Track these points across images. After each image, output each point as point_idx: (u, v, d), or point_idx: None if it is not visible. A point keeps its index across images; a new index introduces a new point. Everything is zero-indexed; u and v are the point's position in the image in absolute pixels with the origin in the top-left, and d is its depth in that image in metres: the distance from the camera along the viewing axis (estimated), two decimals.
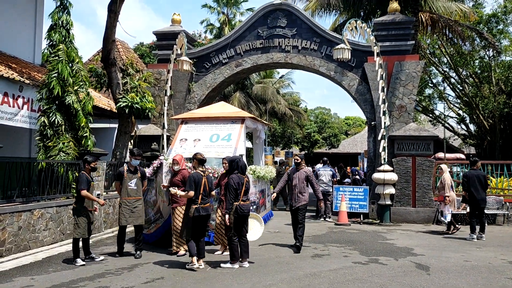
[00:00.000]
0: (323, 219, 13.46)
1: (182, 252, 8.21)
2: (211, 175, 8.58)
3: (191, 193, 7.06)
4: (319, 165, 14.86)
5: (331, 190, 13.68)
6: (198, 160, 7.47)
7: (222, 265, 7.30)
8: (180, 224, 7.88)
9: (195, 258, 7.09)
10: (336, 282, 6.39)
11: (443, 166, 11.56)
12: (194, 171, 7.43)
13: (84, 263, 7.51)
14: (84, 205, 7.65)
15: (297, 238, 8.72)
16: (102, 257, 7.97)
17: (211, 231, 8.73)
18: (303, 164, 9.11)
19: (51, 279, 6.57)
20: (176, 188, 7.78)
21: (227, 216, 7.21)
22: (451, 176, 14.50)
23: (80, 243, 7.83)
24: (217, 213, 8.32)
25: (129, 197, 8.19)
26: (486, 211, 11.44)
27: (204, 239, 7.36)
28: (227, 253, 7.85)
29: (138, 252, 8.10)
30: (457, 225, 11.23)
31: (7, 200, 8.28)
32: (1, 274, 6.81)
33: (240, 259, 7.35)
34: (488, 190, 13.65)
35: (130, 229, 9.44)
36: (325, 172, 13.86)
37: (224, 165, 8.07)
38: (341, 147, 50.74)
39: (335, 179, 14.27)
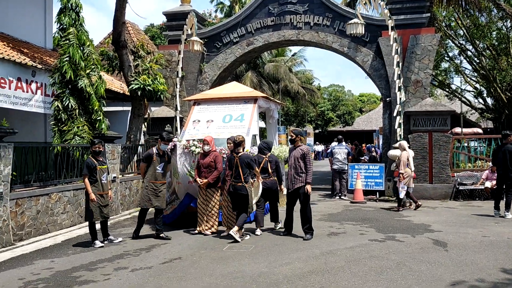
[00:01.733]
0: (338, 197, 13.41)
1: (208, 232, 8.33)
2: (225, 155, 8.62)
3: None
4: (334, 143, 14.74)
5: (346, 168, 13.58)
6: (234, 144, 8.10)
7: (256, 232, 8.28)
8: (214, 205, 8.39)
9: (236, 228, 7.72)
10: (352, 260, 6.37)
11: (403, 143, 11.52)
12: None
13: (102, 245, 7.60)
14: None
15: (303, 231, 7.90)
16: (120, 239, 8.06)
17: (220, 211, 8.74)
18: (299, 141, 8.07)
19: (71, 261, 6.67)
20: (208, 169, 8.27)
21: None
22: (468, 151, 14.35)
23: (98, 225, 7.92)
24: (224, 194, 8.38)
25: (156, 180, 8.12)
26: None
27: (244, 213, 7.87)
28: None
29: (163, 234, 8.11)
30: (418, 202, 11.24)
31: (25, 185, 8.39)
32: (22, 257, 6.94)
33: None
34: None
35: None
36: (340, 150, 13.73)
37: (228, 145, 8.23)
38: (356, 125, 50.43)
39: (350, 157, 14.14)
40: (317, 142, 45.03)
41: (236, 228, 7.67)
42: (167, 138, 8.30)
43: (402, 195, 11.02)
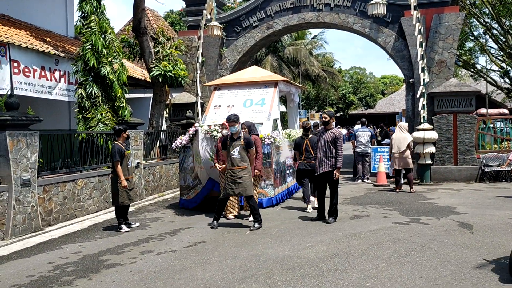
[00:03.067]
0: (361, 180, 13.32)
1: (231, 216, 8.40)
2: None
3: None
4: (357, 126, 14.60)
5: (369, 151, 13.46)
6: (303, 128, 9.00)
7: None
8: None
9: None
10: (376, 243, 6.35)
11: (402, 124, 11.57)
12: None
13: (128, 229, 7.74)
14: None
15: (327, 214, 7.91)
16: (137, 224, 8.16)
17: None
18: (332, 123, 8.00)
19: (98, 245, 6.82)
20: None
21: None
22: (494, 132, 14.02)
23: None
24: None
25: (233, 167, 7.54)
26: None
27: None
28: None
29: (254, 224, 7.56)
30: (401, 183, 11.36)
31: (52, 172, 8.57)
32: (51, 242, 7.13)
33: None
34: None
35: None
36: (364, 133, 13.57)
37: (243, 130, 8.08)
38: (378, 107, 49.79)
39: (374, 140, 13.99)
40: (338, 126, 44.69)
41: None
42: (234, 118, 7.57)
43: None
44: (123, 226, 7.76)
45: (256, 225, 7.46)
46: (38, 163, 7.94)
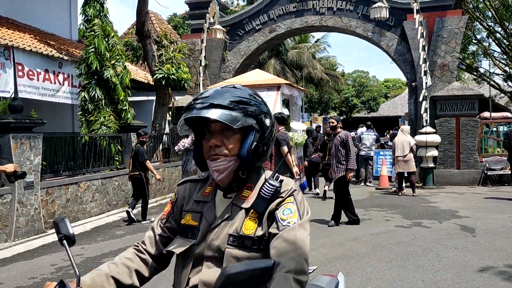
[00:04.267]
0: (363, 184, 13.31)
1: None
2: None
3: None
4: (362, 129, 14.54)
5: (372, 155, 13.47)
6: (278, 120, 7.72)
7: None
8: None
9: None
10: (378, 246, 6.34)
11: (404, 127, 11.58)
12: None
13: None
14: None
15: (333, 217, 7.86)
16: (153, 218, 8.49)
17: None
18: (339, 127, 7.98)
19: (100, 247, 6.84)
20: None
21: None
22: (497, 136, 14.00)
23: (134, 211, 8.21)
24: None
25: None
26: None
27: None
28: None
29: None
30: (402, 186, 11.40)
31: (54, 174, 8.62)
32: (54, 244, 7.16)
33: None
34: None
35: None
36: (369, 136, 13.56)
37: None
38: (381, 111, 49.70)
39: (378, 144, 13.96)
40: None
41: None
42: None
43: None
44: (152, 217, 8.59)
45: None
46: (41, 166, 7.98)
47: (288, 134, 8.14)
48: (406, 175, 11.25)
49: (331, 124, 8.09)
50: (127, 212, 8.51)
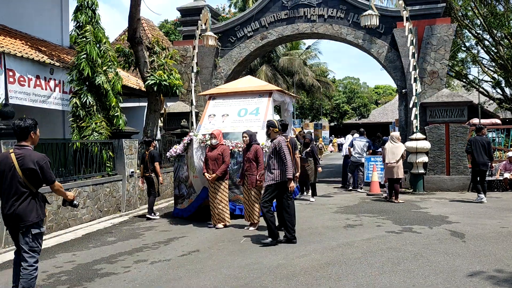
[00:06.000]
0: (353, 189, 13.38)
1: (220, 225, 8.39)
2: (240, 149, 8.72)
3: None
4: (356, 135, 14.61)
5: (363, 161, 13.55)
6: (282, 127, 8.05)
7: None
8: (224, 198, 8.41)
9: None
10: (369, 251, 6.39)
11: (394, 134, 11.60)
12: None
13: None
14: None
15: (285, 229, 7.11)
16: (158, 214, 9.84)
17: (241, 204, 8.82)
18: (273, 132, 7.26)
19: (92, 254, 6.82)
20: (215, 162, 8.36)
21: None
22: None
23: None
24: (243, 188, 8.40)
25: None
26: None
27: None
28: (252, 228, 8.14)
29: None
30: (386, 194, 11.57)
31: None
32: (45, 251, 7.10)
33: None
34: None
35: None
36: (360, 143, 13.64)
37: (244, 139, 8.20)
38: (371, 117, 50.07)
39: (370, 151, 13.99)
40: (338, 135, 44.70)
41: None
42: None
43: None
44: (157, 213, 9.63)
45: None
46: None
47: (286, 139, 8.22)
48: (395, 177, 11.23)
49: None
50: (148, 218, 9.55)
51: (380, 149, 16.19)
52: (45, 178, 4.57)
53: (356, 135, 14.60)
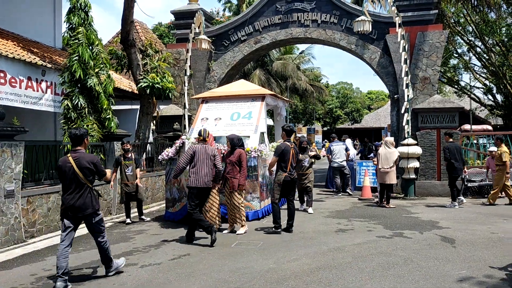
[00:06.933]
0: (341, 194, 13.44)
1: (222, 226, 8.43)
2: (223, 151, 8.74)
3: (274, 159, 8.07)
4: (347, 140, 14.71)
5: (345, 165, 13.60)
6: (286, 132, 8.29)
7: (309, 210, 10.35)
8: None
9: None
10: (360, 256, 6.40)
11: (388, 139, 11.57)
12: (282, 142, 8.26)
13: (130, 222, 9.44)
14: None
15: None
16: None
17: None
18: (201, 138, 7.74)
19: (81, 257, 6.77)
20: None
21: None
22: (478, 148, 14.28)
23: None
24: (225, 191, 8.37)
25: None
26: None
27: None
28: (239, 232, 8.09)
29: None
30: (377, 199, 11.55)
31: (36, 183, 8.51)
32: (34, 254, 7.05)
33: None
34: None
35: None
36: (338, 147, 13.73)
37: (227, 143, 8.29)
38: (364, 122, 50.23)
39: (347, 152, 14.03)
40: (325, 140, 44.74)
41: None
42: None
43: None
44: (127, 219, 9.47)
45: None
46: (23, 174, 7.88)
47: (289, 145, 8.22)
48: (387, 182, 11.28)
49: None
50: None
51: (372, 155, 16.30)
52: (98, 173, 5.56)
53: (349, 140, 14.69)
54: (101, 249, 5.68)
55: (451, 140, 11.19)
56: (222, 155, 8.72)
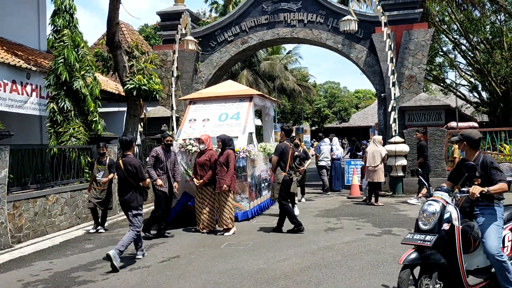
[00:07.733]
0: (330, 192, 13.51)
1: (205, 231, 8.37)
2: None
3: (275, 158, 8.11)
4: (326, 140, 14.76)
5: (330, 164, 13.76)
6: (285, 132, 8.44)
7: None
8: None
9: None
10: (349, 254, 6.43)
11: (376, 137, 11.76)
12: (281, 142, 8.33)
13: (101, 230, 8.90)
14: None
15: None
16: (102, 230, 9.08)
17: None
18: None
19: (69, 261, 6.70)
20: (202, 167, 8.32)
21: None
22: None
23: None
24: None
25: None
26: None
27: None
28: (228, 233, 8.08)
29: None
30: (366, 196, 11.64)
31: (22, 187, 8.40)
32: (21, 259, 6.96)
33: None
34: (502, 157, 13.58)
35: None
36: (325, 147, 13.84)
37: (218, 143, 8.28)
38: (352, 121, 50.49)
39: (331, 153, 14.12)
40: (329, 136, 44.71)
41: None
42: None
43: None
44: (99, 227, 8.93)
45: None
46: (8, 179, 7.77)
47: (288, 144, 8.24)
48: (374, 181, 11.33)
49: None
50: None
51: (360, 153, 16.39)
52: (138, 177, 6.47)
53: (337, 138, 14.77)
54: (126, 238, 6.38)
55: (422, 139, 11.76)
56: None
